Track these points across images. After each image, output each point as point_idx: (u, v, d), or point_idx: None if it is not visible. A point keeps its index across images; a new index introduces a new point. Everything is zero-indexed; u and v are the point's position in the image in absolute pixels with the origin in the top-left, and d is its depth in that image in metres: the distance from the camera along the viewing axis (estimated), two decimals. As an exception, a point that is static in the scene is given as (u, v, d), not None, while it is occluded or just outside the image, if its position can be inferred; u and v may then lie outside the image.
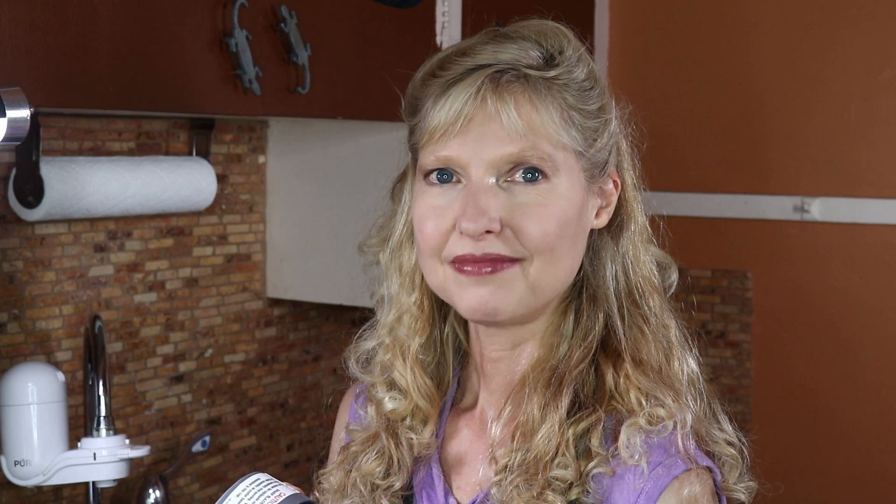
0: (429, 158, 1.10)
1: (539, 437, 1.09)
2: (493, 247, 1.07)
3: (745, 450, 1.17)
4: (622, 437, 1.09)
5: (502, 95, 1.07)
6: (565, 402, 1.10)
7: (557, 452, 1.09)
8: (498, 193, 1.08)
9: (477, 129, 1.07)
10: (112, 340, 1.85)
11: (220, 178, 2.01)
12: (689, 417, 1.11)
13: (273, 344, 2.22)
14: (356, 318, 2.28)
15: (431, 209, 1.10)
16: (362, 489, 1.16)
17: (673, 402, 1.11)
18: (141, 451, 1.65)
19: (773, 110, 2.60)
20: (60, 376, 1.62)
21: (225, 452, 2.12)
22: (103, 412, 1.64)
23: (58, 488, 1.81)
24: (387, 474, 1.17)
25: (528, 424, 1.11)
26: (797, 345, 2.62)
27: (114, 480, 1.64)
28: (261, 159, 2.16)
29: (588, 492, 1.08)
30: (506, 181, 1.08)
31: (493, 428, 1.13)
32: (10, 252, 1.71)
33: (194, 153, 1.97)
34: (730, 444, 1.15)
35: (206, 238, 2.05)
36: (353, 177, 2.08)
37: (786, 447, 2.56)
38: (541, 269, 1.09)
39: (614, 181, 1.16)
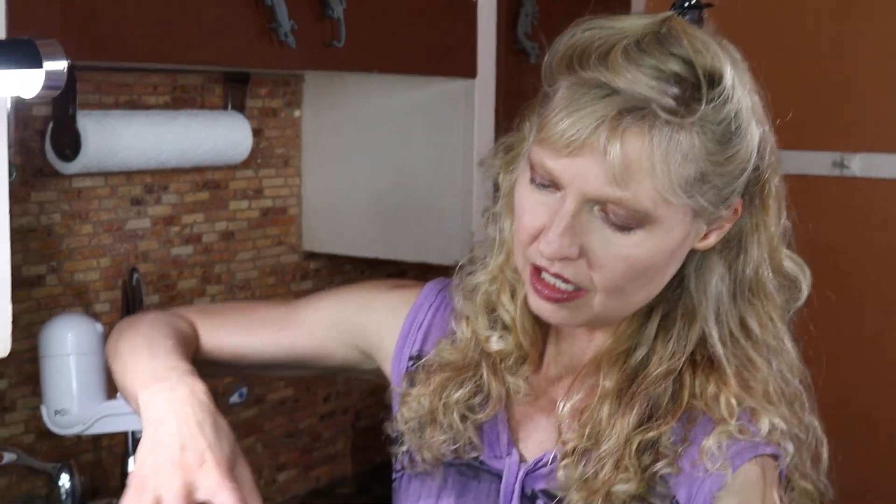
0: (537, 158, 1.06)
1: (603, 448, 1.08)
2: (566, 270, 1.06)
3: (826, 498, 1.16)
4: (710, 443, 1.07)
5: (624, 136, 1.01)
6: (635, 418, 1.09)
7: (620, 467, 1.08)
8: (585, 223, 1.04)
9: (586, 159, 1.02)
10: (149, 293, 1.87)
11: (256, 133, 2.01)
12: (790, 447, 1.10)
13: (309, 297, 2.23)
14: (392, 272, 2.30)
15: (530, 204, 1.08)
16: (455, 416, 1.16)
17: (780, 422, 1.09)
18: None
19: (813, 64, 2.57)
20: (99, 327, 1.64)
21: (262, 404, 2.14)
22: (140, 363, 1.66)
23: (97, 438, 1.84)
24: (479, 406, 1.17)
25: (595, 427, 1.10)
26: (835, 301, 2.60)
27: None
28: (296, 113, 2.16)
29: (652, 493, 1.08)
30: (601, 210, 1.04)
31: (562, 406, 1.13)
32: (48, 205, 1.73)
33: (229, 107, 1.97)
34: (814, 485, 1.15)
35: (242, 192, 2.05)
36: (387, 130, 2.08)
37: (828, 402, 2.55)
38: (605, 303, 1.08)
39: (735, 209, 1.10)
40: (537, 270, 1.07)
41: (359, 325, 1.28)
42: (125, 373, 1.21)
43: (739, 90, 1.05)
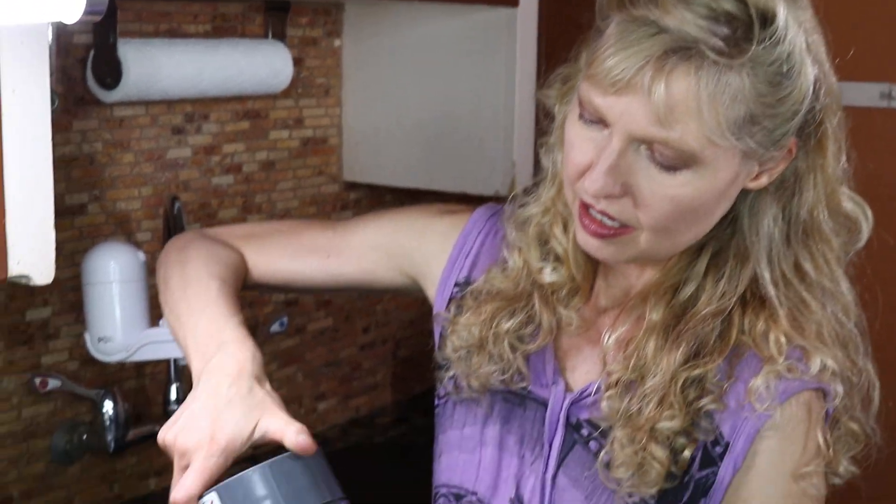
0: (585, 95, 1.04)
1: (648, 385, 1.08)
2: (611, 208, 1.05)
3: (873, 441, 1.15)
4: (758, 383, 1.07)
5: (669, 76, 0.99)
6: (682, 356, 1.08)
7: (665, 404, 1.07)
8: (631, 162, 1.03)
9: (631, 99, 1.00)
10: (190, 222, 1.88)
11: (296, 62, 2.00)
12: (840, 388, 1.09)
13: (349, 228, 2.24)
14: (432, 203, 2.28)
15: (578, 139, 1.07)
16: (504, 346, 1.16)
17: (831, 363, 1.09)
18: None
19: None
20: (141, 255, 1.65)
21: (302, 334, 2.15)
22: (183, 291, 1.67)
23: (140, 365, 1.85)
24: (529, 337, 1.17)
25: (640, 360, 1.09)
26: (880, 236, 2.57)
27: (194, 357, 1.67)
28: (336, 43, 2.14)
29: (696, 428, 1.08)
30: (647, 149, 1.02)
31: (607, 337, 1.13)
32: (90, 133, 1.73)
33: (270, 36, 1.96)
34: (862, 428, 1.14)
35: (283, 121, 2.05)
36: (428, 60, 2.06)
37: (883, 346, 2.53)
38: (652, 241, 1.07)
39: (789, 149, 1.07)
40: (585, 206, 1.07)
41: (406, 251, 1.28)
42: (174, 322, 1.21)
43: (794, 29, 1.02)
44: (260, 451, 1.08)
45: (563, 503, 1.13)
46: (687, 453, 1.08)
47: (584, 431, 1.13)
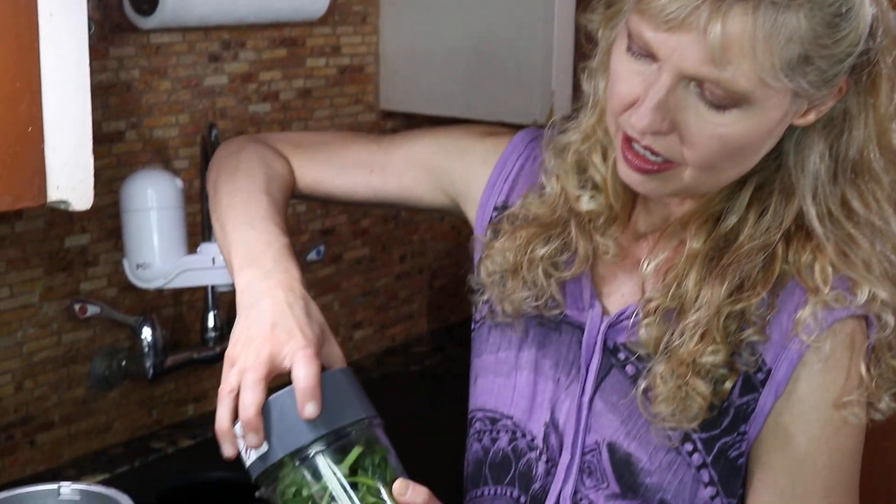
0: (635, 28, 1.02)
1: (690, 319, 1.07)
2: (657, 144, 1.03)
3: None
4: (805, 315, 1.06)
5: (726, 15, 0.96)
6: (726, 290, 1.07)
7: (707, 338, 1.06)
8: (680, 99, 1.01)
9: (685, 37, 0.98)
10: (228, 150, 1.87)
11: (333, -12, 1.99)
12: (890, 320, 1.08)
13: (386, 157, 2.23)
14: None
15: (625, 72, 1.04)
16: (539, 272, 1.16)
17: (881, 293, 1.07)
18: (257, 258, 1.67)
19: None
20: (179, 183, 1.65)
21: (339, 262, 2.16)
22: (220, 218, 1.67)
23: (178, 292, 1.86)
24: (564, 264, 1.16)
25: (680, 289, 1.08)
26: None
27: (231, 285, 1.67)
28: (373, -31, 2.12)
29: (738, 359, 1.07)
30: (697, 87, 1.00)
31: (646, 264, 1.12)
32: (127, 60, 1.73)
33: (307, -38, 1.94)
34: None
35: (320, 49, 2.04)
36: (466, -13, 2.04)
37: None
38: (696, 177, 1.05)
39: (840, 88, 1.05)
40: (628, 139, 1.05)
41: (448, 172, 1.28)
42: (223, 235, 1.22)
43: None
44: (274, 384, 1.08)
45: (600, 427, 1.13)
46: (728, 384, 1.07)
47: (622, 355, 1.12)
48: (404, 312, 2.35)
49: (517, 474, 1.18)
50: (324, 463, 1.01)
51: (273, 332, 1.06)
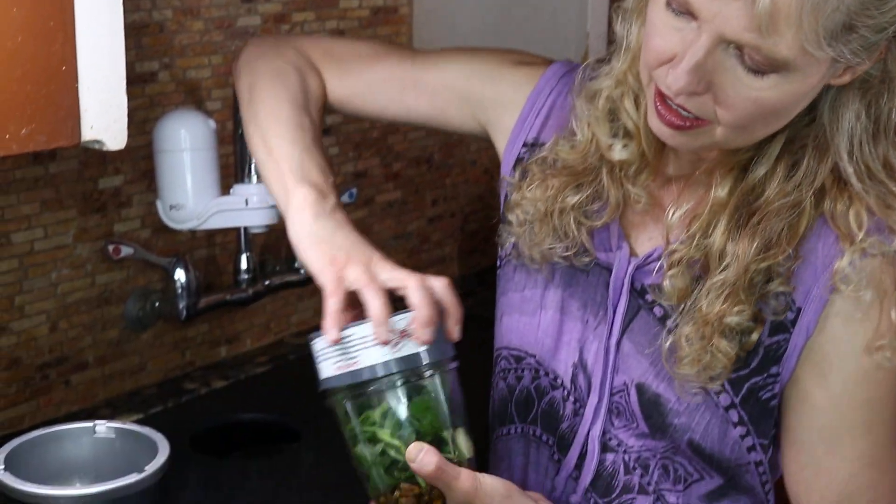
0: None
1: (717, 279, 1.05)
2: (690, 103, 1.01)
3: None
4: (843, 264, 1.04)
5: None
6: (755, 250, 1.05)
7: (733, 298, 1.05)
8: (718, 61, 0.98)
9: (733, 3, 0.95)
10: (260, 91, 1.86)
11: (366, -72, 1.97)
12: None
13: (418, 99, 2.21)
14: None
15: (663, 27, 1.02)
16: (570, 221, 1.15)
17: None
18: (290, 199, 1.67)
19: None
20: (212, 123, 1.64)
21: (371, 205, 2.15)
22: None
23: (210, 234, 1.87)
24: (594, 213, 1.15)
25: (705, 240, 1.07)
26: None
27: (264, 226, 1.67)
28: None
29: (764, 309, 1.06)
30: (736, 50, 0.98)
31: (671, 213, 1.10)
32: (160, 0, 1.72)
33: None
34: None
35: (352, -10, 2.02)
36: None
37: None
38: (727, 136, 1.03)
39: (879, 52, 1.03)
40: (661, 94, 1.03)
41: (480, 98, 1.27)
42: (261, 160, 1.23)
43: None
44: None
45: (627, 368, 1.12)
46: (755, 336, 1.06)
47: (649, 297, 1.12)
48: (436, 256, 2.35)
49: (539, 413, 1.18)
50: (352, 410, 1.05)
51: (356, 248, 1.10)
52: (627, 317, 1.13)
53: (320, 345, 1.05)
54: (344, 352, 1.03)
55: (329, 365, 1.04)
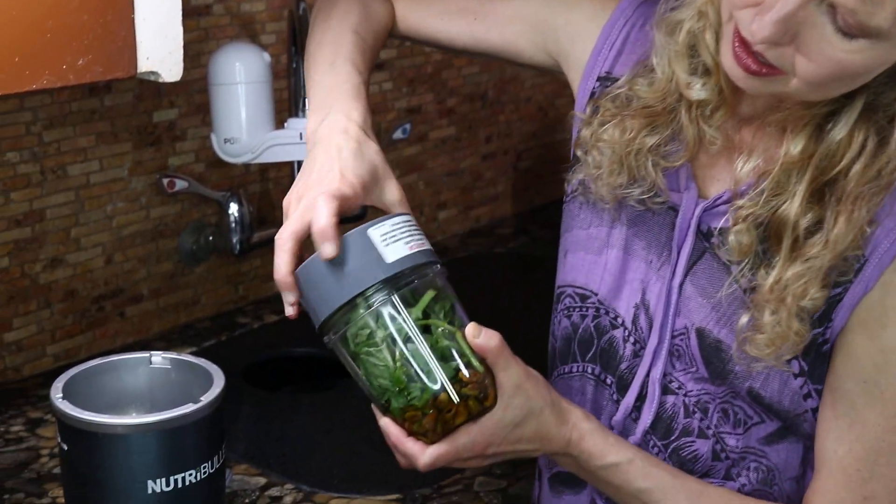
0: None
1: (797, 270, 1.02)
2: (770, 52, 0.96)
3: None
4: None
5: None
6: (850, 237, 1.01)
7: (812, 283, 1.02)
8: (808, 15, 0.93)
9: None
10: (314, 26, 1.85)
11: None
12: None
13: (473, 35, 2.19)
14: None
15: None
16: (645, 162, 1.12)
17: None
18: (344, 134, 1.66)
19: None
20: (266, 57, 1.63)
21: (424, 141, 2.14)
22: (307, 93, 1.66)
23: (264, 169, 1.87)
24: (670, 154, 1.12)
25: (778, 199, 1.04)
26: None
27: (318, 161, 1.67)
28: None
29: (833, 273, 1.03)
30: (829, 8, 0.93)
31: (741, 164, 1.07)
32: (215, -68, 1.71)
33: None
34: None
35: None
36: None
37: None
38: (801, 90, 0.98)
39: None
40: (741, 37, 0.99)
41: (552, 29, 1.24)
42: (307, 79, 1.22)
43: None
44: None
45: (689, 312, 1.11)
46: (823, 299, 1.04)
47: (715, 240, 1.10)
48: (489, 194, 2.34)
49: (598, 351, 1.17)
50: (396, 306, 1.00)
51: (314, 178, 1.06)
52: (692, 259, 1.11)
53: (372, 235, 1.01)
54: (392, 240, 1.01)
55: (389, 252, 1.00)
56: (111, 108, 1.66)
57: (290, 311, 1.04)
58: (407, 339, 1.00)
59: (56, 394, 1.06)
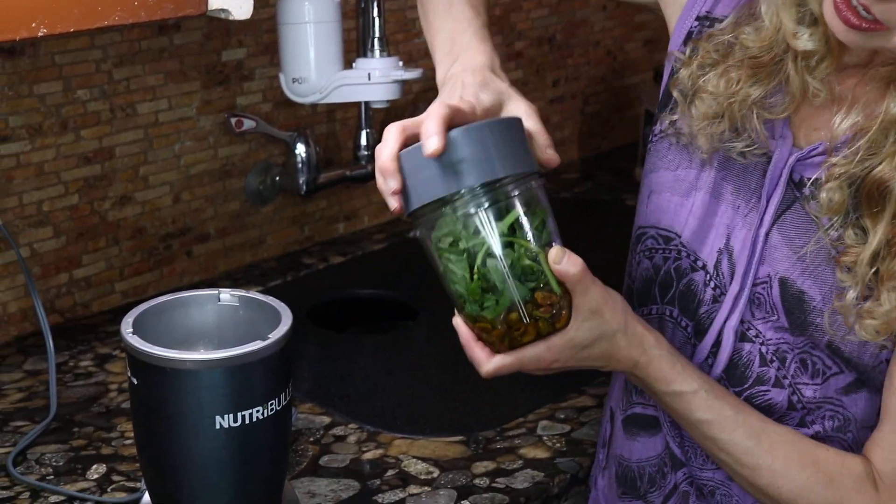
0: None
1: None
2: (876, 7, 0.92)
3: None
4: None
5: None
6: None
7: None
8: None
9: None
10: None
11: None
12: None
13: (542, -23, 2.17)
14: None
15: None
16: (749, 114, 1.09)
17: None
18: (413, 74, 1.65)
19: None
20: (336, -4, 1.62)
21: (491, 85, 2.13)
22: (377, 33, 1.65)
23: (331, 110, 1.87)
24: (774, 106, 1.09)
25: (874, 159, 1.01)
26: None
27: (386, 102, 1.66)
28: None
29: None
30: None
31: (839, 121, 1.05)
32: None
33: None
34: None
35: None
36: None
37: None
38: None
39: None
40: None
41: None
42: (427, 25, 1.23)
43: None
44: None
45: (773, 261, 1.09)
46: None
47: (807, 191, 1.07)
48: (555, 138, 2.31)
49: (677, 294, 1.16)
50: (483, 218, 0.98)
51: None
52: (780, 208, 1.09)
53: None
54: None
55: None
56: (180, 46, 1.66)
57: (392, 203, 1.02)
58: (489, 254, 0.99)
59: (126, 328, 1.07)
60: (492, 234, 0.98)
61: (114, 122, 1.62)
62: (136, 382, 1.07)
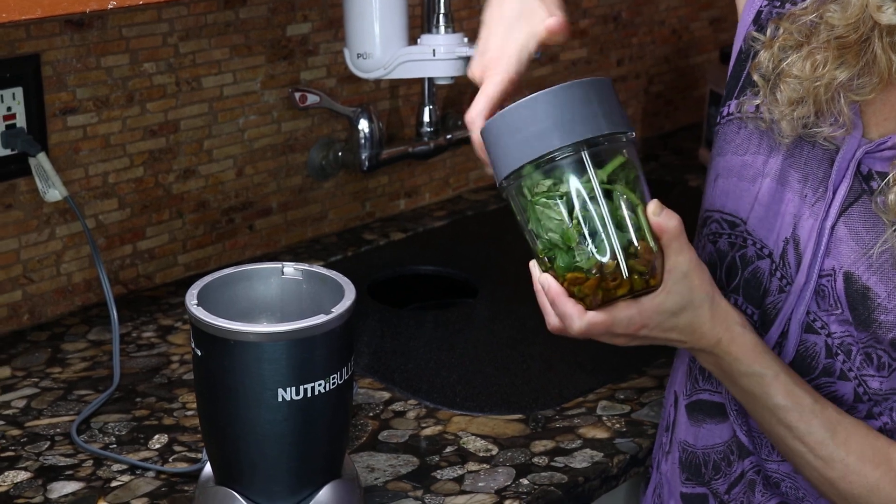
0: None
1: None
2: None
3: None
4: None
5: None
6: None
7: None
8: None
9: None
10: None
11: None
12: None
13: (609, -46, 2.15)
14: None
15: None
16: (836, 97, 1.05)
17: None
18: (477, 51, 1.65)
19: None
20: (400, -28, 1.62)
21: (555, 63, 2.11)
22: (442, 9, 1.64)
23: (394, 87, 1.86)
24: (862, 89, 1.05)
25: None
26: None
27: (450, 78, 1.65)
28: None
29: None
30: None
31: None
32: None
33: None
34: None
35: None
36: None
37: None
38: None
39: None
40: None
41: None
42: None
43: None
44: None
45: (839, 254, 1.06)
46: None
47: (874, 184, 1.05)
48: (618, 118, 2.30)
49: (742, 282, 1.14)
50: (585, 164, 0.97)
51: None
52: (847, 201, 1.06)
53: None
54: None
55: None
56: (245, 21, 1.67)
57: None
58: (587, 199, 0.98)
59: (191, 300, 1.08)
60: (593, 179, 0.98)
61: (179, 96, 1.63)
62: (199, 354, 1.07)
